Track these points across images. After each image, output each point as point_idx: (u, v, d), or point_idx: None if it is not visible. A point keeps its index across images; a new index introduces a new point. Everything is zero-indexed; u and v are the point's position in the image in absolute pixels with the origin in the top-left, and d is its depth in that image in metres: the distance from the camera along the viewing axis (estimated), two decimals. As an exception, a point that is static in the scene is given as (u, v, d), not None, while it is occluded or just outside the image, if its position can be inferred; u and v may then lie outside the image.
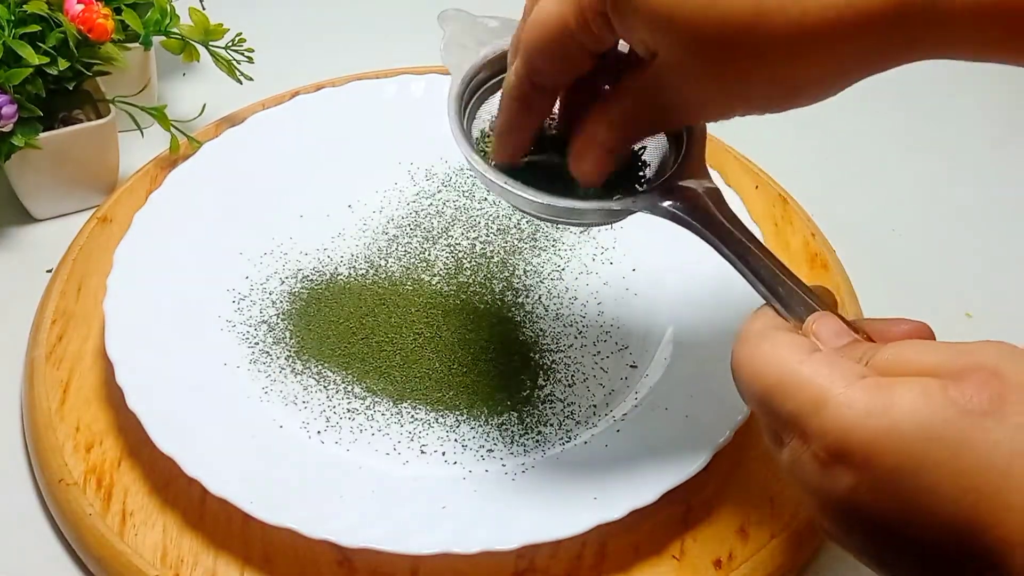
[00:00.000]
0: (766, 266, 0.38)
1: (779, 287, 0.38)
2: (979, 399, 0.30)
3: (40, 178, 0.64)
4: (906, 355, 0.32)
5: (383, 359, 0.55)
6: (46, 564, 0.50)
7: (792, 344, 0.34)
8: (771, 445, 0.35)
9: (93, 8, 0.61)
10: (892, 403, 0.30)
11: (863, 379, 0.31)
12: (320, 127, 0.66)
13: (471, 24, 0.47)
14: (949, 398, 0.30)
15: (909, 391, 0.30)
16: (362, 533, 0.45)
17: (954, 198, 0.71)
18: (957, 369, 0.31)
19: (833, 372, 0.32)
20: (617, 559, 0.48)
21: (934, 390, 0.30)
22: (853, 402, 0.31)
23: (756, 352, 0.34)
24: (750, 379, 0.34)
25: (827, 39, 0.34)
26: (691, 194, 0.40)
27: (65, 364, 0.55)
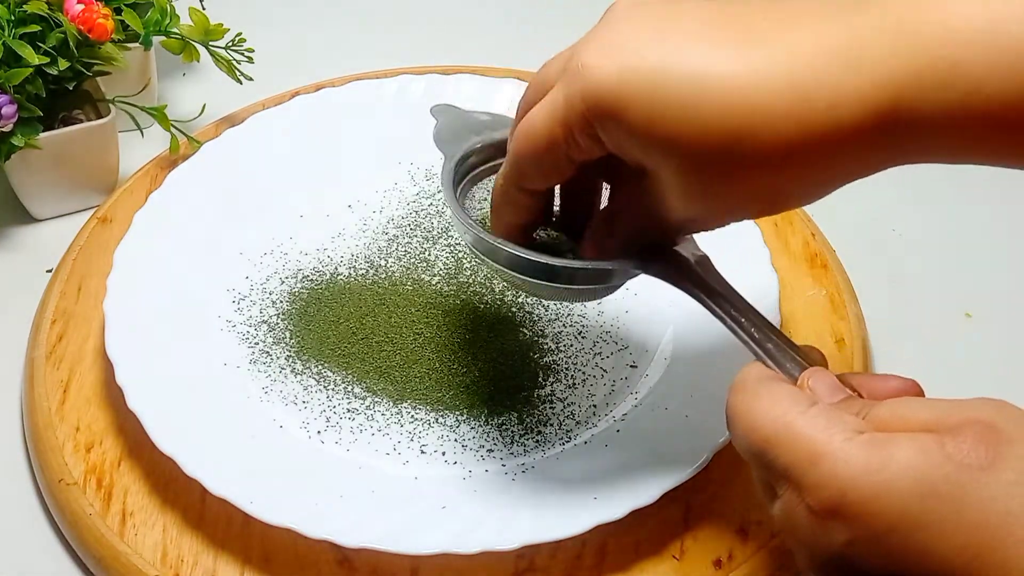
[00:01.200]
0: (756, 325, 0.39)
1: (769, 343, 0.39)
2: (976, 454, 0.30)
3: (40, 178, 0.64)
4: (901, 411, 0.33)
5: (383, 359, 0.55)
6: (46, 564, 0.50)
7: (790, 396, 0.34)
8: (764, 497, 0.35)
9: (93, 8, 0.61)
10: (890, 459, 0.30)
11: (861, 434, 0.32)
12: (320, 127, 0.66)
13: (461, 117, 0.49)
14: (946, 453, 0.30)
15: (907, 447, 0.30)
16: (362, 533, 0.45)
17: (954, 198, 0.71)
18: (953, 424, 0.31)
19: (831, 426, 0.32)
20: (617, 559, 0.48)
21: (931, 446, 0.30)
22: (851, 457, 0.31)
23: (753, 403, 0.35)
24: (747, 430, 0.34)
25: (812, 155, 0.34)
26: (681, 260, 0.42)
27: (65, 364, 0.55)
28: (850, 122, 0.34)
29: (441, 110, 0.49)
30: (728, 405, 0.36)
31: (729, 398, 0.36)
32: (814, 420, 0.32)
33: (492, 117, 0.49)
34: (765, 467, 0.34)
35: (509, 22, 0.84)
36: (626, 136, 0.36)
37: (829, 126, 0.34)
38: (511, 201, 0.42)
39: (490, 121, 0.49)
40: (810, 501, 0.31)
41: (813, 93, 0.33)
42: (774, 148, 0.34)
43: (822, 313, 0.59)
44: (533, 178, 0.41)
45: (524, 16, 0.84)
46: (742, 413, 0.35)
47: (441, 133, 0.48)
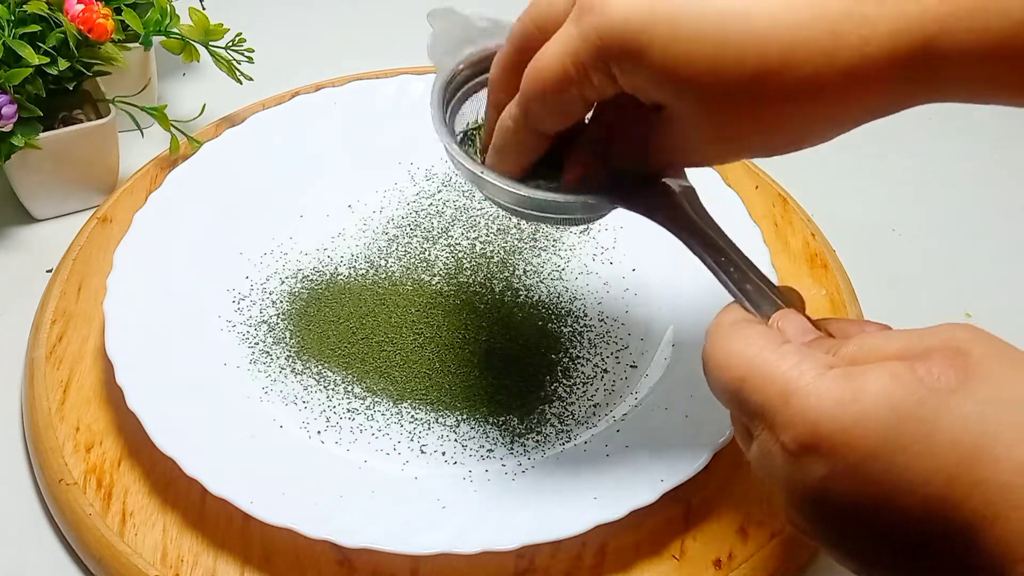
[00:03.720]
0: (736, 264, 0.39)
1: (747, 284, 0.38)
2: (946, 377, 0.30)
3: (40, 178, 0.64)
4: (871, 344, 0.33)
5: (383, 359, 0.55)
6: (46, 564, 0.50)
7: (762, 336, 0.34)
8: (740, 439, 0.35)
9: (93, 8, 0.61)
10: (862, 389, 0.30)
11: (831, 369, 0.31)
12: (320, 127, 0.66)
13: (460, 23, 0.47)
14: (917, 378, 0.30)
15: (878, 376, 0.30)
16: (362, 533, 0.45)
17: (954, 198, 0.71)
18: (922, 350, 0.31)
19: (802, 363, 0.32)
20: (617, 559, 0.48)
21: (902, 372, 0.30)
22: (822, 392, 0.31)
23: (726, 345, 0.34)
24: (719, 371, 0.34)
25: (840, 90, 0.34)
26: (666, 190, 0.41)
27: (65, 364, 0.55)
28: (881, 57, 0.33)
29: (439, 15, 0.47)
30: (704, 348, 0.36)
31: (705, 342, 0.36)
32: (784, 358, 0.32)
33: (491, 23, 0.47)
34: (740, 408, 0.34)
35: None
36: (646, 75, 0.35)
37: (859, 61, 0.33)
38: (519, 142, 0.41)
39: (488, 27, 0.47)
40: (784, 439, 0.31)
41: (844, 27, 0.33)
42: (802, 83, 0.34)
43: (822, 313, 0.59)
44: (544, 119, 0.39)
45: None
46: (715, 355, 0.35)
47: (436, 43, 0.46)
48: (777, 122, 0.36)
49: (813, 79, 0.34)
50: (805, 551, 0.50)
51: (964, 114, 0.77)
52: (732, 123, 0.36)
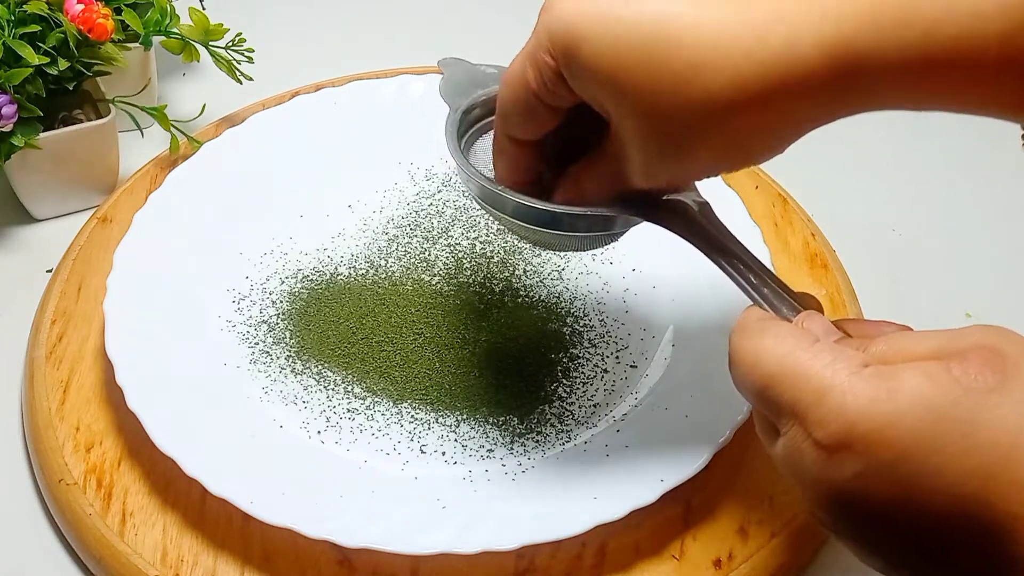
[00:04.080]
0: (753, 271, 0.39)
1: (766, 289, 0.39)
2: (983, 377, 0.30)
3: (40, 178, 0.64)
4: (902, 344, 0.33)
5: (383, 359, 0.55)
6: (46, 564, 0.50)
7: (794, 334, 0.34)
8: (764, 436, 0.35)
9: (93, 8, 0.61)
10: (897, 388, 0.30)
11: (865, 367, 0.31)
12: (320, 127, 0.66)
13: (469, 71, 0.49)
14: (953, 378, 0.30)
15: (914, 375, 0.30)
16: (362, 533, 0.45)
17: (954, 198, 0.71)
18: (956, 350, 0.31)
19: (836, 362, 0.32)
20: (617, 559, 0.48)
21: (938, 372, 0.30)
22: (858, 390, 0.31)
23: (755, 342, 0.34)
24: (747, 367, 0.34)
25: (765, 98, 0.34)
26: (683, 207, 0.41)
27: (65, 364, 0.55)
28: (806, 63, 0.33)
29: (448, 63, 0.49)
30: (731, 345, 0.35)
31: (732, 338, 0.36)
32: (818, 356, 0.32)
33: (500, 70, 0.48)
34: (768, 405, 0.34)
35: (508, 22, 0.84)
36: (583, 74, 0.36)
37: (785, 66, 0.33)
38: (503, 151, 0.42)
39: (497, 74, 0.48)
40: (818, 435, 0.31)
41: (769, 33, 0.33)
42: (728, 89, 0.34)
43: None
44: (516, 126, 0.40)
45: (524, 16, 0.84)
46: (746, 351, 0.35)
47: (447, 86, 0.48)
48: (711, 131, 0.36)
49: (740, 83, 0.34)
50: (805, 551, 0.50)
51: (965, 114, 0.77)
52: (672, 132, 0.36)
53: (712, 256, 0.40)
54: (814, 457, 0.32)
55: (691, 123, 0.35)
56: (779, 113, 0.35)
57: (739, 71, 0.34)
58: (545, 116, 0.40)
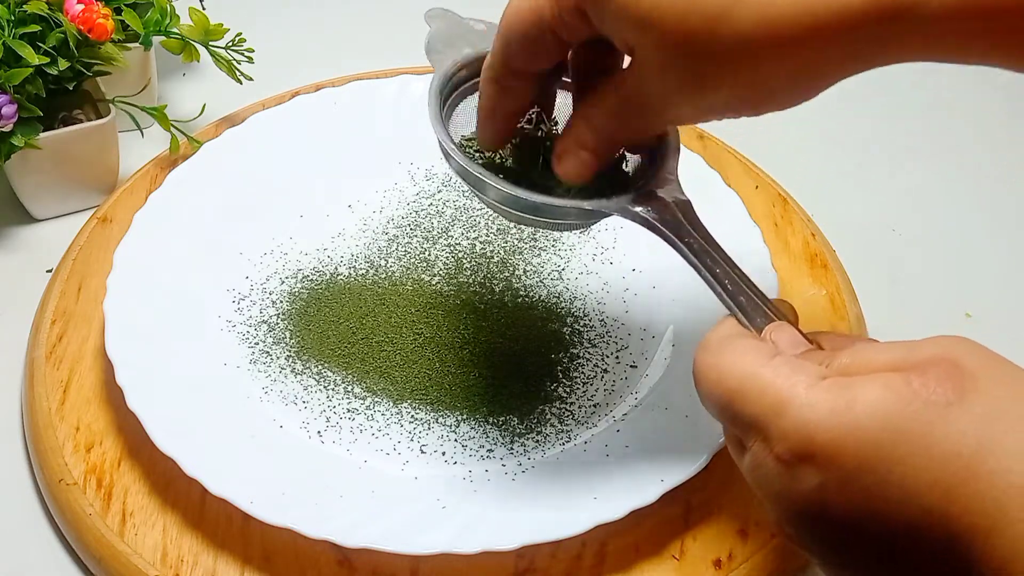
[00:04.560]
0: (731, 277, 0.39)
1: (741, 297, 0.38)
2: (942, 390, 0.30)
3: (40, 178, 0.64)
4: (864, 356, 0.32)
5: (383, 359, 0.55)
6: (46, 564, 0.50)
7: (753, 349, 0.34)
8: (733, 452, 0.35)
9: (93, 8, 0.61)
10: (855, 400, 0.30)
11: (824, 380, 0.31)
12: (320, 127, 0.66)
13: (457, 24, 0.47)
14: (912, 391, 0.30)
15: (872, 387, 0.30)
16: (362, 533, 0.45)
17: (954, 198, 0.71)
18: (917, 362, 0.31)
19: (794, 375, 0.32)
20: (617, 559, 0.48)
21: (897, 384, 0.30)
22: (816, 402, 0.31)
23: (718, 358, 0.34)
24: (712, 385, 0.34)
25: (800, 40, 0.33)
26: (662, 203, 0.41)
27: (65, 364, 0.55)
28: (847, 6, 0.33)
29: (436, 15, 0.47)
30: (695, 362, 0.36)
31: (696, 355, 0.36)
32: (777, 370, 0.32)
33: (488, 26, 0.47)
34: (732, 421, 0.34)
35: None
36: (614, 10, 0.36)
37: (824, 9, 0.33)
38: (498, 83, 0.41)
39: (486, 31, 0.47)
40: (778, 450, 0.31)
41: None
42: (762, 29, 0.33)
43: (822, 313, 0.59)
44: (521, 57, 0.39)
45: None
46: (709, 367, 0.35)
47: (433, 42, 0.46)
48: (741, 73, 0.35)
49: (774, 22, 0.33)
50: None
51: (965, 114, 0.77)
52: (697, 71, 0.35)
53: (689, 258, 0.40)
54: (777, 471, 0.32)
55: (720, 60, 0.35)
56: (810, 58, 0.34)
57: (774, 11, 0.33)
58: (555, 49, 0.39)
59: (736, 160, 0.68)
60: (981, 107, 0.77)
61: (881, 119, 0.75)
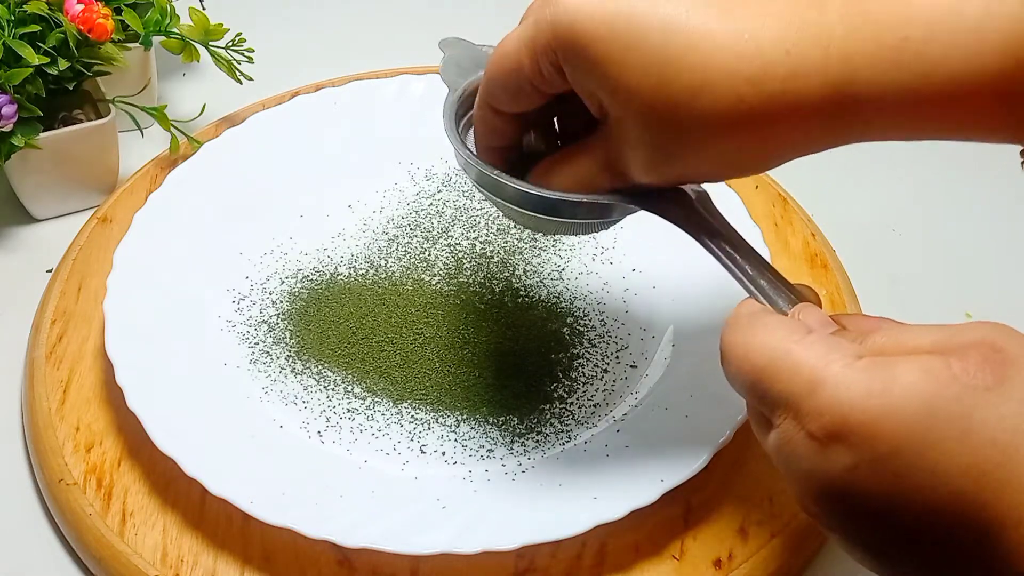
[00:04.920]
0: (750, 262, 0.39)
1: (762, 280, 0.38)
2: (983, 374, 0.30)
3: (40, 178, 0.64)
4: (901, 337, 0.32)
5: (383, 359, 0.55)
6: (46, 564, 0.50)
7: (786, 326, 0.34)
8: (757, 430, 0.35)
9: (93, 8, 0.61)
10: (893, 381, 0.30)
11: (860, 359, 0.31)
12: (320, 127, 0.66)
13: (469, 50, 0.48)
14: (952, 374, 0.30)
15: (911, 369, 0.30)
16: (362, 533, 0.45)
17: (954, 198, 0.71)
18: (957, 346, 0.31)
19: (830, 352, 0.32)
20: (617, 559, 0.48)
21: (937, 367, 0.30)
22: (852, 382, 0.30)
23: (746, 334, 0.34)
24: (741, 360, 0.34)
25: (761, 124, 0.35)
26: (680, 193, 0.41)
27: (65, 364, 0.55)
28: (806, 94, 0.34)
29: (449, 43, 0.48)
30: (722, 339, 0.35)
31: (723, 333, 0.35)
32: (812, 347, 0.32)
33: None
34: (760, 398, 0.33)
35: (508, 22, 0.84)
36: (586, 73, 0.36)
37: (785, 95, 0.34)
38: (485, 121, 0.42)
39: None
40: (810, 427, 0.31)
41: (775, 60, 0.34)
42: (729, 110, 0.34)
43: (822, 313, 0.59)
44: (500, 100, 0.40)
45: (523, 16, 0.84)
46: (737, 344, 0.34)
47: (448, 67, 0.47)
48: (709, 144, 0.36)
49: (742, 105, 0.34)
50: (805, 552, 0.50)
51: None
52: (665, 143, 0.36)
53: (708, 246, 0.40)
54: (807, 449, 0.31)
55: (690, 134, 0.36)
56: (777, 137, 0.35)
57: (743, 96, 0.34)
58: (532, 97, 0.40)
59: (736, 160, 0.68)
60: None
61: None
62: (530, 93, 0.39)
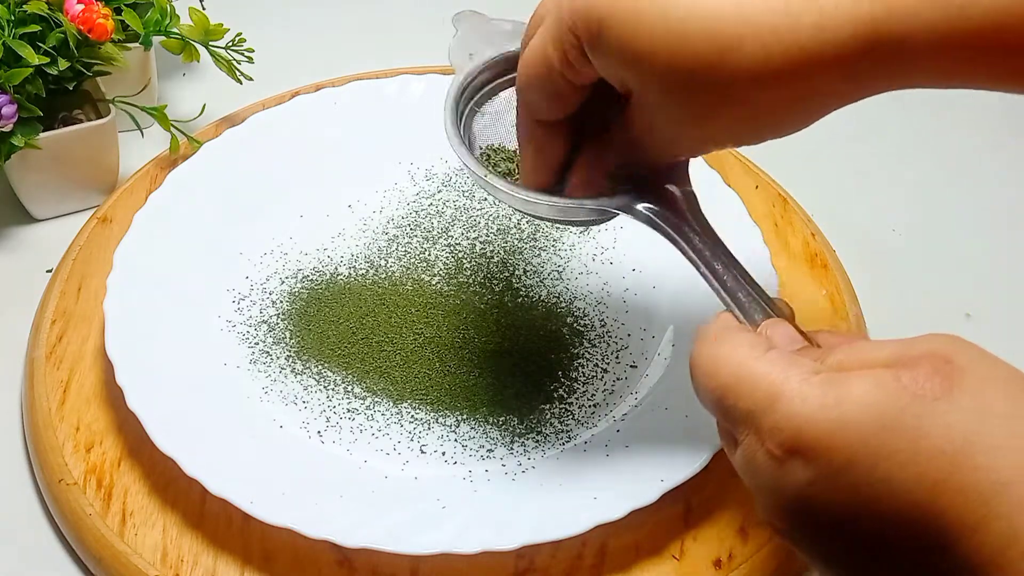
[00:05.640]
0: (730, 273, 0.39)
1: (739, 293, 0.38)
2: (931, 384, 0.30)
3: (40, 178, 0.64)
4: (857, 353, 0.33)
5: (383, 359, 0.55)
6: (46, 564, 0.50)
7: (749, 343, 0.34)
8: (726, 446, 0.35)
9: (93, 8, 0.61)
10: (846, 394, 0.30)
11: (817, 375, 0.31)
12: (320, 127, 0.66)
13: (484, 25, 0.47)
14: (901, 385, 0.30)
15: (862, 382, 0.30)
16: (362, 533, 0.45)
17: (954, 198, 0.71)
18: (909, 359, 0.31)
19: (788, 369, 0.32)
20: (617, 559, 0.48)
21: (886, 379, 0.30)
22: (807, 396, 0.31)
23: (712, 351, 0.34)
24: (706, 378, 0.34)
25: (792, 76, 0.34)
26: (669, 196, 0.41)
27: (65, 364, 0.55)
28: (837, 42, 0.34)
29: (463, 18, 0.48)
30: (691, 356, 0.36)
31: (692, 349, 0.36)
32: (771, 364, 0.32)
33: (516, 26, 0.47)
34: (725, 415, 0.34)
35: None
36: (610, 54, 0.36)
37: (817, 45, 0.34)
38: (531, 137, 0.42)
39: (512, 30, 0.47)
40: (769, 444, 0.31)
41: (801, 11, 0.34)
42: (758, 65, 0.34)
43: (822, 313, 0.59)
44: (539, 107, 0.41)
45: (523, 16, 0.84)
46: (702, 361, 0.35)
47: (457, 47, 0.47)
48: (739, 106, 0.36)
49: (770, 60, 0.34)
50: (805, 551, 0.50)
51: (964, 113, 0.77)
52: (694, 107, 0.36)
53: (687, 254, 0.40)
54: (767, 465, 0.32)
55: (718, 98, 0.36)
56: (807, 90, 0.35)
57: (770, 50, 0.34)
58: (570, 94, 0.40)
59: (736, 160, 0.68)
60: (981, 107, 0.77)
61: (881, 119, 0.75)
62: (566, 90, 0.39)
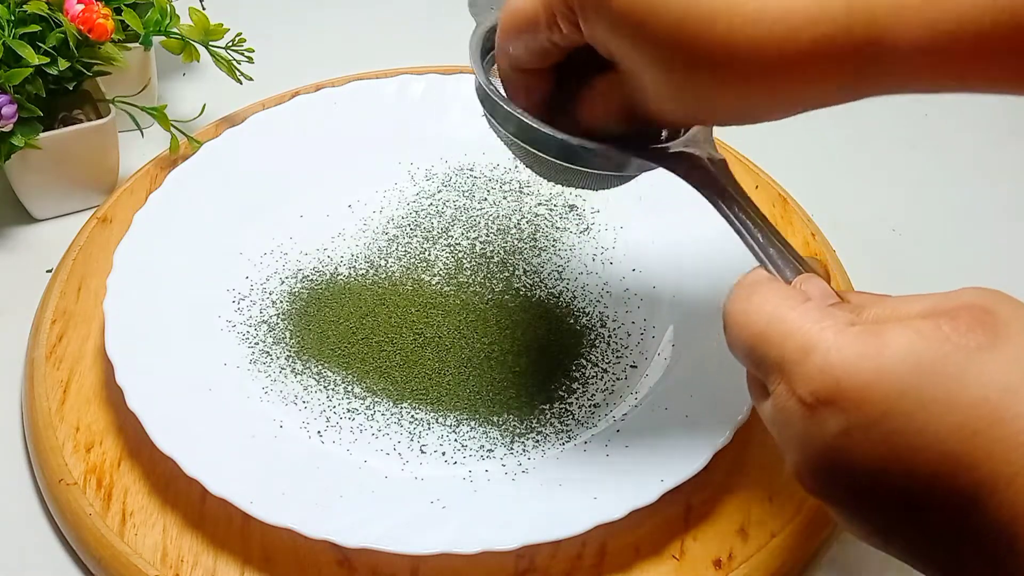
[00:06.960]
0: (762, 229, 0.39)
1: (771, 249, 0.38)
2: (973, 335, 0.29)
3: (40, 178, 0.64)
4: (893, 307, 0.32)
5: (383, 359, 0.55)
6: (46, 564, 0.50)
7: (783, 293, 0.34)
8: (754, 397, 0.35)
9: (93, 8, 0.61)
10: (885, 344, 0.30)
11: (853, 326, 0.31)
12: (320, 127, 0.66)
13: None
14: (943, 335, 0.30)
15: (902, 332, 0.30)
16: (362, 533, 0.45)
17: (954, 198, 0.71)
18: (948, 309, 0.31)
19: (823, 319, 0.32)
20: (617, 559, 0.48)
21: (927, 328, 0.30)
22: (843, 346, 0.30)
23: (746, 301, 0.34)
24: (738, 327, 0.34)
25: (784, 67, 0.34)
26: (697, 160, 0.41)
27: (65, 364, 0.55)
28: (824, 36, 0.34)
29: None
30: (724, 307, 0.35)
31: (726, 301, 0.35)
32: (807, 314, 0.32)
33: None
34: (756, 364, 0.33)
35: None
36: (605, 25, 0.36)
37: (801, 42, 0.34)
38: (510, 80, 0.42)
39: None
40: (802, 392, 0.31)
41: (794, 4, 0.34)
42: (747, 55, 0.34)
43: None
44: (519, 57, 0.40)
45: None
46: (735, 311, 0.34)
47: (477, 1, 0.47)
48: (725, 87, 0.36)
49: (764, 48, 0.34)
50: (805, 551, 0.50)
51: (965, 113, 0.77)
52: (688, 85, 0.36)
53: (721, 209, 0.40)
54: (799, 415, 0.31)
55: (710, 81, 0.36)
56: (792, 83, 0.35)
57: (763, 39, 0.34)
58: (551, 52, 0.40)
59: (736, 160, 0.68)
60: (981, 106, 0.77)
61: (881, 119, 0.75)
62: (548, 49, 0.39)
